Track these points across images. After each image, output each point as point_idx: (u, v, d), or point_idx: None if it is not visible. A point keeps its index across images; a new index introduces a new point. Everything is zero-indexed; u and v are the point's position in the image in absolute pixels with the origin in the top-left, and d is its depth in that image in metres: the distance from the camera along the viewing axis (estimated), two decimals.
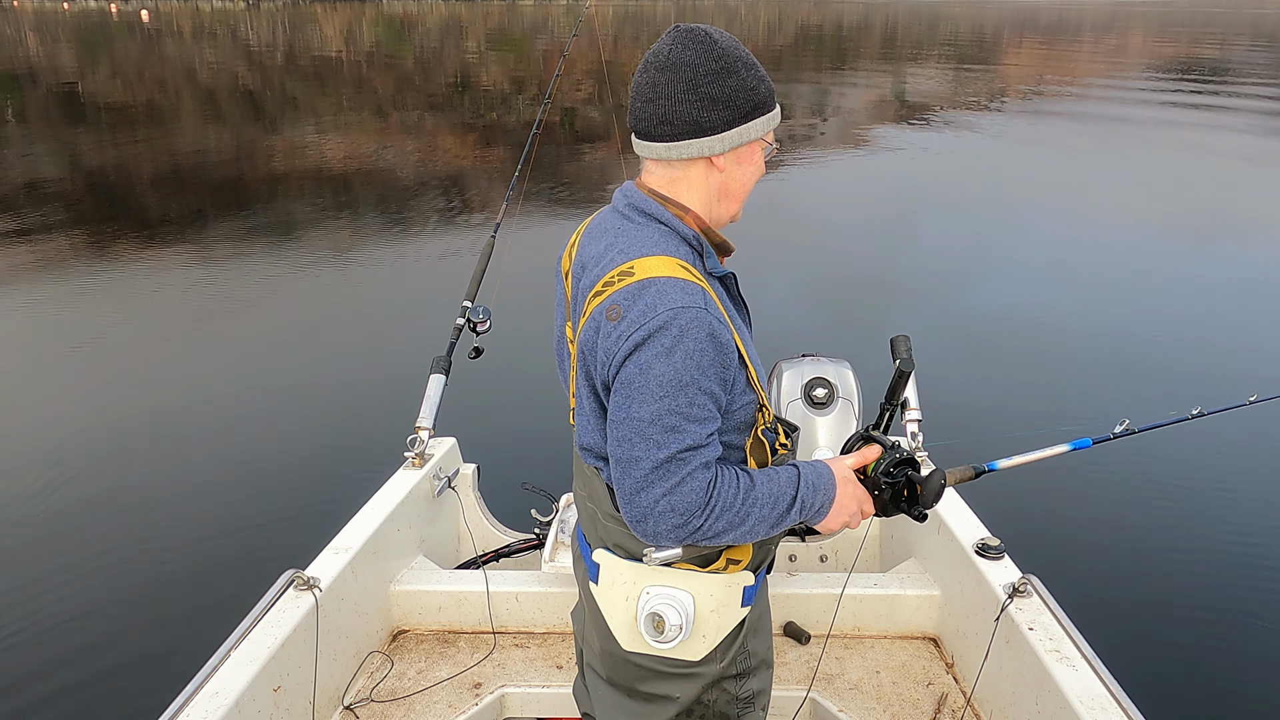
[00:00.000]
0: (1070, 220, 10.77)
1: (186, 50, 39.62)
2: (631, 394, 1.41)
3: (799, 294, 8.04)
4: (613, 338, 1.44)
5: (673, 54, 1.48)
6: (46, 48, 39.83)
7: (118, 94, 23.97)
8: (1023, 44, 49.49)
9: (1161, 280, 8.47)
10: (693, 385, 1.41)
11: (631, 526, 1.47)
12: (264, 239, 9.90)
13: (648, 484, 1.41)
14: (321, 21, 61.09)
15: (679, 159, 1.53)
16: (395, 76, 30.16)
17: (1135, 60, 39.06)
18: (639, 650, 1.65)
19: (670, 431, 1.40)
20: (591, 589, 1.70)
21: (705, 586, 1.61)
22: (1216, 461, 5.11)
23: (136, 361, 6.53)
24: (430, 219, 10.76)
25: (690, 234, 1.54)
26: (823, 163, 14.73)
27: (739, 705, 1.72)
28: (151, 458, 5.14)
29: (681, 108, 1.48)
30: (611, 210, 1.63)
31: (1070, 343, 6.81)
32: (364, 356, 6.57)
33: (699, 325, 1.41)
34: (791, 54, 40.30)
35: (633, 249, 1.50)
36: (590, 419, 1.58)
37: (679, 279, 1.44)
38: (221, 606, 2.65)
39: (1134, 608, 3.91)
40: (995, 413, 5.57)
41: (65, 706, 3.36)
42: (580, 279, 1.60)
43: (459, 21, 64.23)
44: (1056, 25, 66.85)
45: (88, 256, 9.17)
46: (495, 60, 35.16)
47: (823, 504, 1.56)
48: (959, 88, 26.89)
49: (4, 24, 54.22)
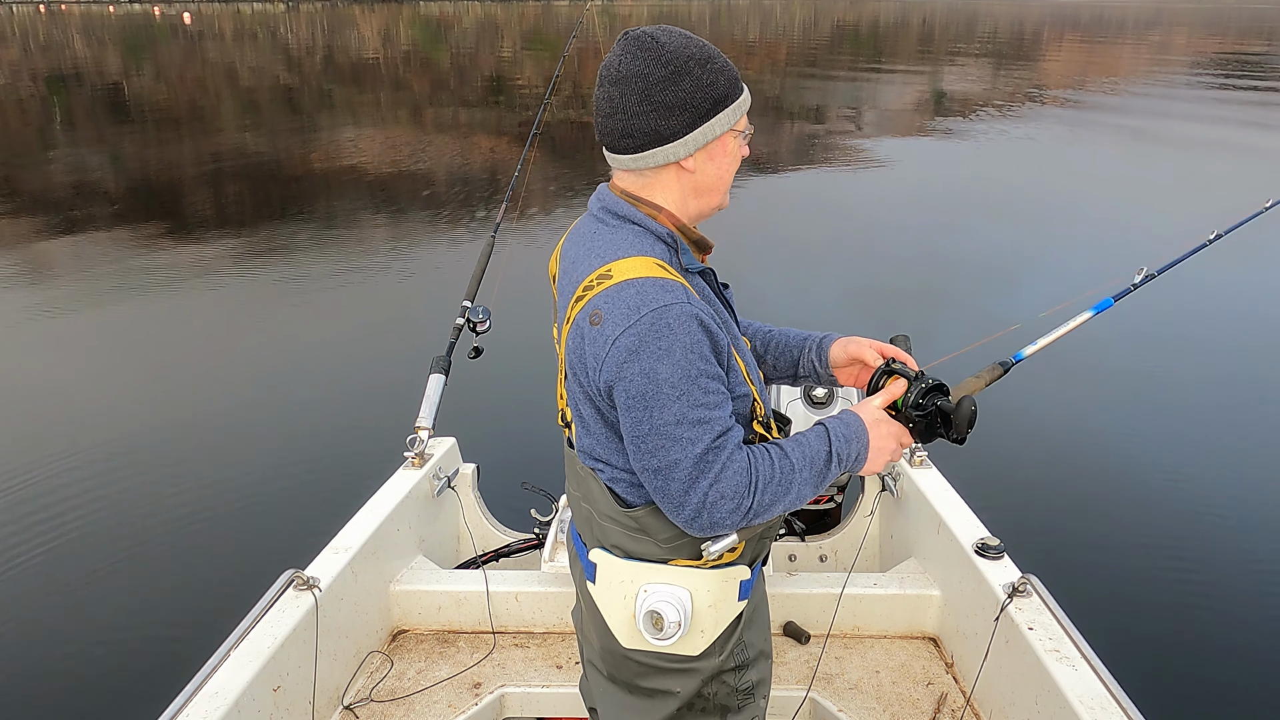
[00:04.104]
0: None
1: (228, 51, 40.25)
2: (648, 403, 1.41)
3: (808, 290, 8.02)
4: (599, 343, 1.45)
5: (622, 65, 1.48)
6: (93, 50, 40.63)
7: (161, 94, 24.36)
8: (1063, 41, 48.73)
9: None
10: (701, 375, 1.43)
11: (687, 526, 1.48)
12: (285, 239, 9.93)
13: (693, 481, 1.43)
14: (359, 23, 61.77)
15: (647, 168, 1.53)
16: (431, 76, 30.40)
17: (1180, 58, 38.25)
18: (638, 647, 1.66)
19: (698, 425, 1.42)
20: (589, 588, 1.70)
21: (702, 583, 1.62)
22: (1217, 461, 5.09)
23: (136, 361, 6.55)
24: (456, 217, 10.80)
25: (664, 232, 1.54)
26: (857, 161, 14.66)
27: (739, 696, 1.74)
28: (151, 457, 5.14)
29: (638, 120, 1.48)
30: (588, 215, 1.63)
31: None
32: (365, 356, 6.56)
33: (686, 317, 1.42)
34: (828, 52, 40.03)
35: (608, 251, 1.51)
36: (589, 424, 1.59)
37: (657, 278, 1.45)
38: (221, 606, 2.67)
39: (1134, 607, 3.90)
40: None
41: (65, 706, 3.37)
42: (563, 285, 1.61)
43: (494, 22, 64.61)
44: (1098, 22, 65.78)
45: (93, 256, 9.22)
46: (530, 60, 35.30)
47: (859, 452, 1.58)
48: (1001, 85, 26.54)
49: (52, 27, 55.43)
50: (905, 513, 2.96)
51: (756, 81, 26.81)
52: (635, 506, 1.60)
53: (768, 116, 18.92)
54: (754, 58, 36.59)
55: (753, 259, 8.65)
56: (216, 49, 41.44)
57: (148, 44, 44.44)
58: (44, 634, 3.74)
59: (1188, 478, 4.93)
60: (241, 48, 42.71)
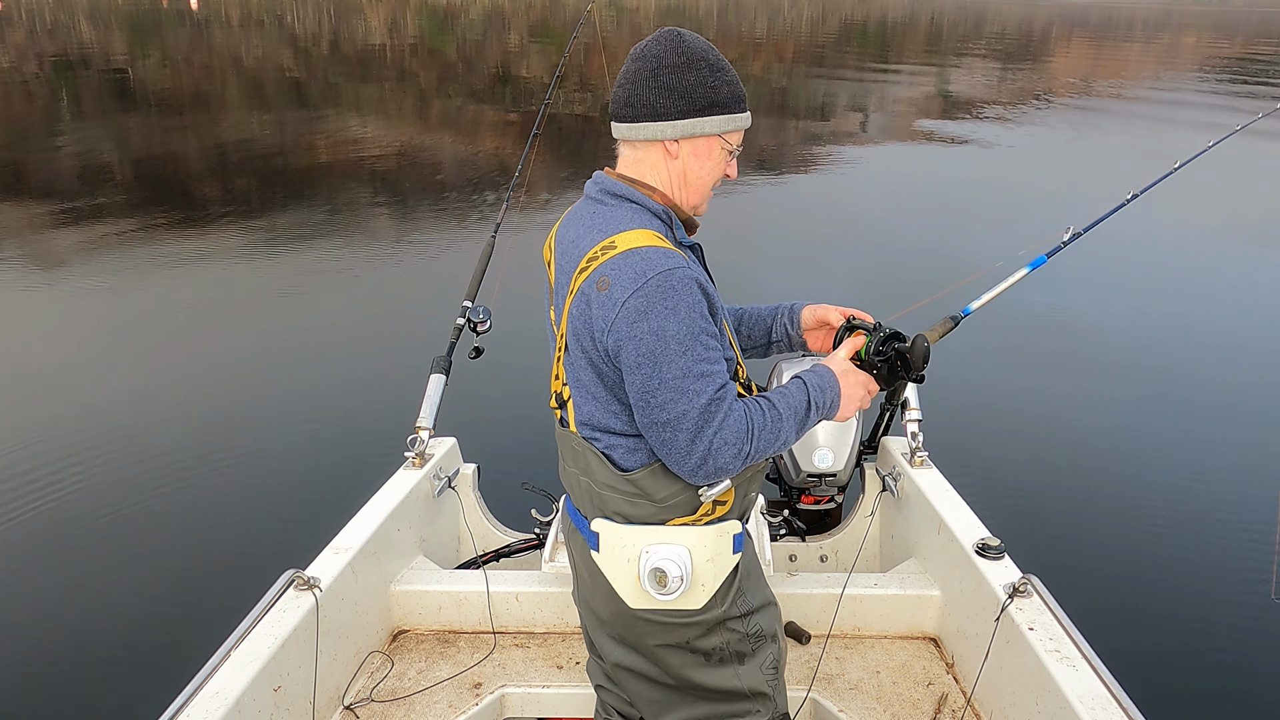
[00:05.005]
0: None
1: (234, 38, 40.17)
2: (657, 359, 1.53)
3: (817, 285, 8.00)
4: (606, 306, 1.56)
5: (647, 48, 1.66)
6: (100, 34, 40.56)
7: (167, 81, 24.32)
8: (1071, 41, 48.55)
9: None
10: (703, 333, 1.56)
11: (691, 475, 1.60)
12: (289, 231, 9.92)
13: (699, 430, 1.55)
14: (366, 11, 61.58)
15: (639, 139, 1.68)
16: (438, 66, 30.34)
17: (1190, 60, 38.12)
18: (645, 606, 1.76)
19: (702, 378, 1.54)
20: (594, 557, 1.79)
21: (699, 539, 1.73)
22: (1217, 459, 5.08)
23: (134, 355, 6.55)
24: (462, 212, 10.81)
25: (660, 209, 1.69)
26: (866, 159, 14.63)
27: (750, 641, 1.85)
28: (150, 457, 5.13)
29: (642, 92, 1.64)
30: (585, 198, 1.76)
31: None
32: (368, 356, 6.55)
33: (688, 280, 1.56)
34: (835, 50, 39.92)
35: (609, 226, 1.64)
36: (590, 390, 1.69)
37: (659, 246, 1.59)
38: (221, 606, 2.67)
39: (1134, 608, 3.89)
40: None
41: (64, 706, 3.37)
42: (562, 264, 1.73)
43: (501, 12, 64.43)
44: (1106, 23, 65.56)
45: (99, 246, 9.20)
46: (537, 52, 35.22)
47: (832, 399, 1.75)
48: (1009, 84, 26.46)
49: (59, 11, 55.30)
50: (905, 513, 2.96)
51: (762, 79, 26.74)
52: (632, 470, 1.70)
53: (772, 117, 18.86)
54: (760, 53, 36.49)
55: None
56: (223, 35, 41.35)
57: (154, 29, 44.35)
58: (44, 634, 3.74)
59: (1188, 477, 4.92)
60: (248, 34, 42.63)
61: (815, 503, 3.21)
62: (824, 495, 3.18)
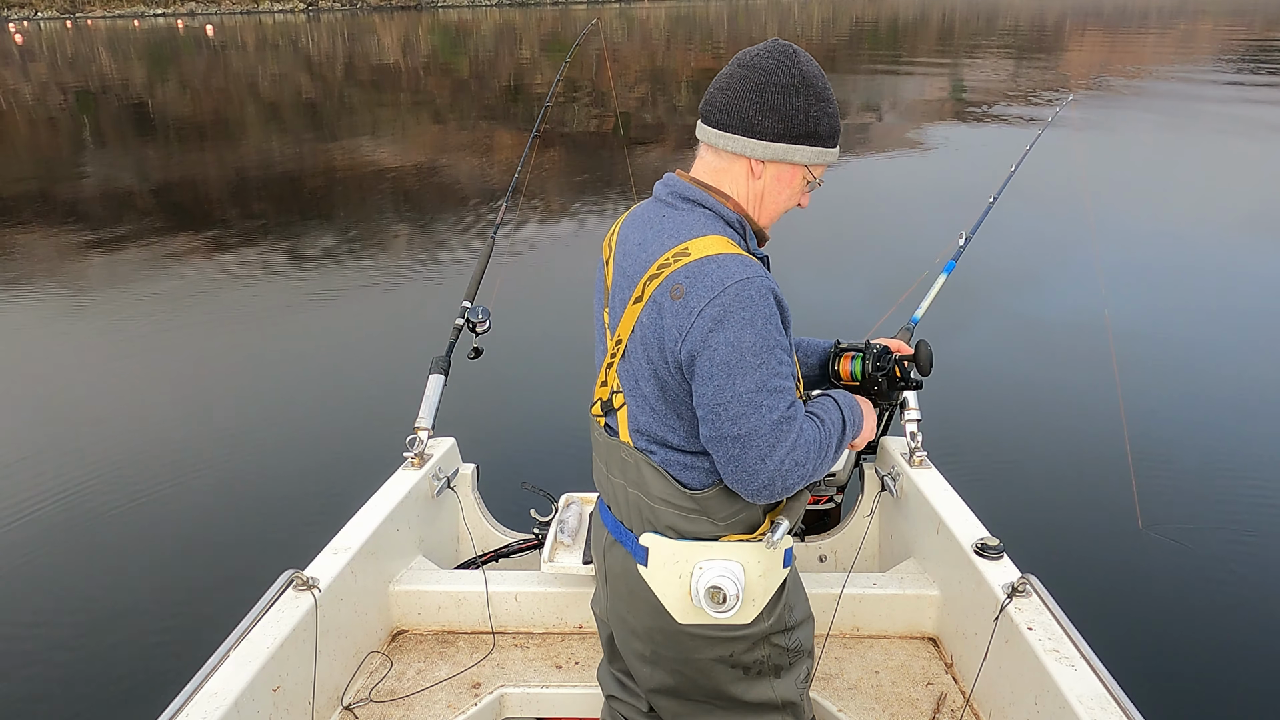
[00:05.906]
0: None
1: (250, 62, 40.70)
2: (731, 371, 1.48)
3: (824, 285, 7.97)
4: (681, 315, 1.51)
5: (759, 58, 1.58)
6: (119, 64, 41.23)
7: (186, 106, 24.68)
8: (1085, 34, 48.19)
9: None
10: (777, 347, 1.52)
11: (755, 494, 1.55)
12: (295, 241, 10.01)
13: (771, 448, 1.50)
14: (380, 31, 62.23)
15: (725, 150, 1.61)
16: (451, 82, 30.59)
17: (1208, 46, 37.68)
18: (694, 621, 1.72)
19: (775, 393, 1.50)
20: (640, 571, 1.73)
21: (753, 554, 1.69)
22: (1217, 459, 5.01)
23: (135, 360, 6.63)
24: (476, 217, 10.86)
25: (734, 217, 1.63)
26: (884, 158, 14.57)
27: (789, 655, 1.84)
28: (150, 456, 5.19)
29: (743, 104, 1.58)
30: (653, 200, 1.71)
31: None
32: (365, 356, 6.58)
33: (765, 290, 1.51)
34: (847, 51, 39.84)
35: (681, 232, 1.59)
36: (649, 402, 1.63)
37: (736, 254, 1.54)
38: (220, 606, 2.69)
39: (1134, 608, 3.85)
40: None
41: (65, 706, 3.40)
42: (624, 266, 1.67)
43: (513, 27, 64.88)
44: (1120, 16, 64.90)
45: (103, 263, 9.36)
46: (548, 63, 35.43)
47: (857, 418, 1.75)
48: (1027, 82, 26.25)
49: (80, 42, 56.31)
50: (905, 513, 2.94)
51: None
52: (698, 489, 1.65)
53: None
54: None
55: None
56: (240, 60, 41.91)
57: (172, 56, 45.02)
58: (43, 634, 3.77)
59: (1189, 477, 4.86)
60: (264, 57, 43.18)
61: (814, 503, 3.20)
62: (823, 495, 3.17)
